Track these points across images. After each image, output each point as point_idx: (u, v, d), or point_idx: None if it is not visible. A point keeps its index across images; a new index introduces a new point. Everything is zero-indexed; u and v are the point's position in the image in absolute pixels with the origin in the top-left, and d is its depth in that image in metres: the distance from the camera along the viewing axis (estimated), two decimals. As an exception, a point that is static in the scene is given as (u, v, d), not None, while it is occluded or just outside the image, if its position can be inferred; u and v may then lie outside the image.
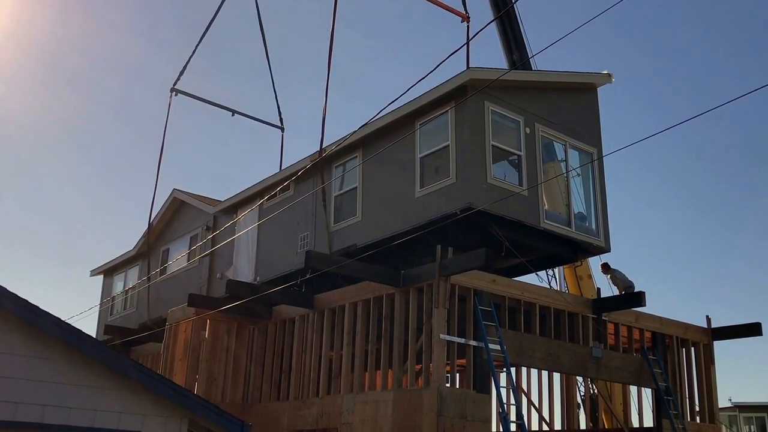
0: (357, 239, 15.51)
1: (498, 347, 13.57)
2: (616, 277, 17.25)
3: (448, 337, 13.28)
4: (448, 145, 14.20)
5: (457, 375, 20.27)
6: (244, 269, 18.89)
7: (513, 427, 13.35)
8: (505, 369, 13.90)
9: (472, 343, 13.61)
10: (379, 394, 14.11)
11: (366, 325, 14.96)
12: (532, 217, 14.37)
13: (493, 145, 14.14)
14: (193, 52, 22.76)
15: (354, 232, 15.77)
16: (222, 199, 21.03)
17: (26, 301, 9.60)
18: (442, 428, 12.61)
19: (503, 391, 13.67)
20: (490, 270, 14.80)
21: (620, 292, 17.16)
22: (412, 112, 14.73)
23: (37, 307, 9.66)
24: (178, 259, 21.54)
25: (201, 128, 67.11)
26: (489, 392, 13.74)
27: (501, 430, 14.10)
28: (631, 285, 17.01)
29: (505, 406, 13.38)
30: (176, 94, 23.08)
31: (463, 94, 14.01)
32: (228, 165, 72.52)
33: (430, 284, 13.51)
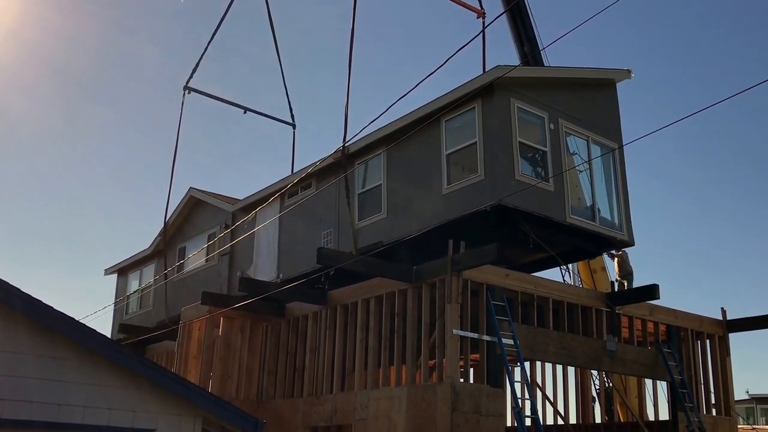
0: (383, 236, 15.49)
1: (511, 342, 13.54)
2: (623, 259, 17.24)
3: (461, 332, 13.26)
4: (476, 142, 14.23)
5: (471, 370, 20.21)
6: (265, 267, 18.86)
7: (527, 421, 13.32)
8: (518, 363, 13.87)
9: (486, 338, 13.59)
10: (393, 390, 14.12)
11: (379, 322, 14.97)
12: (558, 213, 14.45)
13: (519, 142, 14.17)
14: (205, 49, 22.84)
15: (379, 229, 15.76)
16: (236, 197, 21.04)
17: (39, 301, 9.68)
18: (456, 423, 12.60)
19: (517, 386, 13.65)
20: (514, 266, 14.82)
21: (618, 274, 17.17)
22: (437, 109, 14.70)
23: (51, 307, 9.74)
24: (194, 254, 21.54)
25: (212, 127, 67.35)
26: (503, 387, 13.72)
27: (515, 424, 14.07)
28: (631, 273, 17.03)
29: (520, 400, 13.35)
30: (189, 92, 23.13)
31: (490, 92, 14.04)
32: (240, 163, 72.72)
33: (443, 279, 13.50)
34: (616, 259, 17.38)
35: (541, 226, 14.28)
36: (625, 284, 17.00)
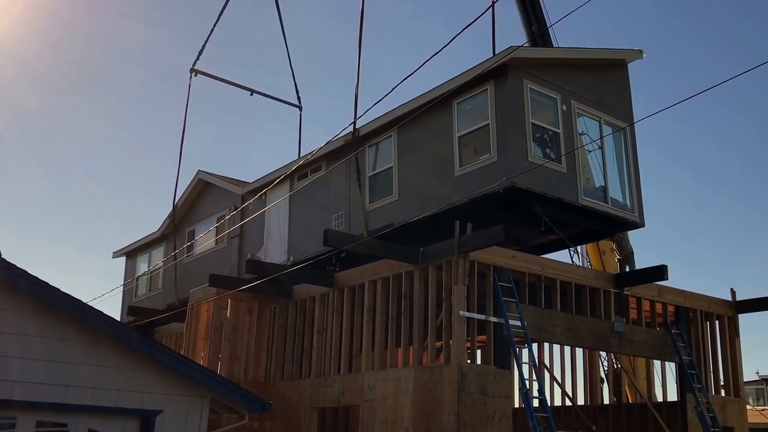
0: (394, 218, 15.45)
1: (519, 323, 13.53)
2: (624, 239, 17.21)
3: (468, 314, 13.26)
4: (488, 124, 14.17)
5: (478, 351, 20.27)
6: (275, 250, 18.84)
7: (535, 402, 13.32)
8: (526, 345, 13.86)
9: (493, 319, 13.58)
10: (400, 371, 14.15)
11: (386, 303, 14.97)
12: (570, 194, 14.43)
13: (532, 123, 14.10)
14: (211, 31, 22.74)
15: (391, 211, 15.71)
16: (244, 180, 20.99)
17: (46, 283, 9.71)
18: (463, 404, 12.62)
19: (525, 367, 13.62)
20: (525, 247, 14.68)
21: (620, 255, 17.15)
22: (449, 91, 14.59)
23: (57, 289, 9.78)
24: (203, 236, 21.53)
25: (218, 110, 67.28)
26: (510, 368, 13.71)
27: (523, 405, 14.08)
28: (632, 252, 17.03)
29: (527, 381, 13.34)
30: (195, 75, 23.08)
31: (503, 73, 13.97)
32: (246, 146, 72.72)
33: (449, 261, 13.48)
34: (615, 240, 17.34)
35: (553, 207, 14.24)
36: (626, 265, 16.99)
